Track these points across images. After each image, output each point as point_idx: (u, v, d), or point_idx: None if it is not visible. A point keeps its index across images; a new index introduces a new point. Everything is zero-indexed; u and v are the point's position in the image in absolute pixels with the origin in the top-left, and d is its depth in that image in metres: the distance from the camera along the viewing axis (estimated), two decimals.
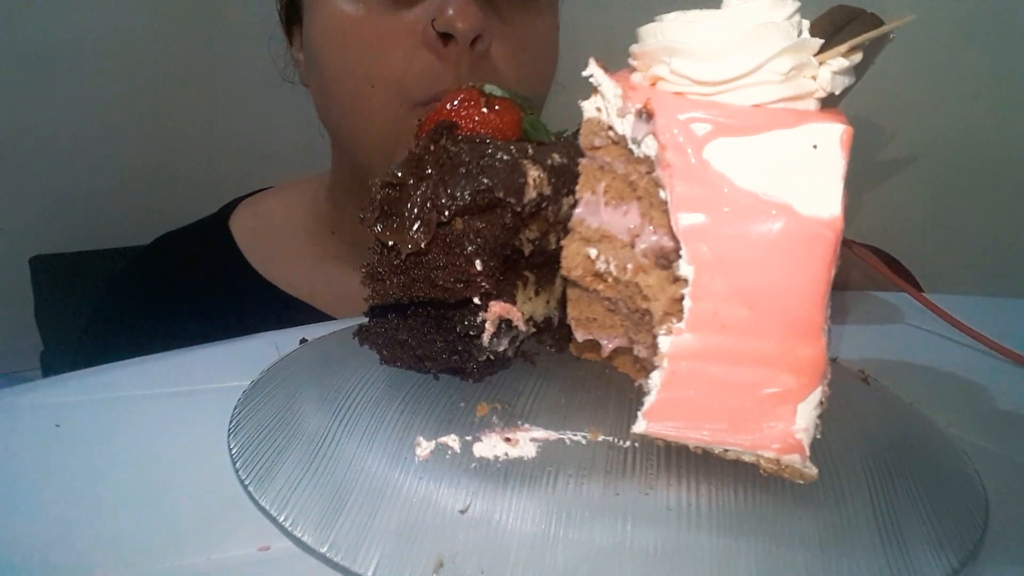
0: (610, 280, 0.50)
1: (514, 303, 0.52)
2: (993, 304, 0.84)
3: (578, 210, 0.51)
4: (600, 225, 0.49)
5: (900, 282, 0.69)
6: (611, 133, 0.47)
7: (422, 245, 0.46)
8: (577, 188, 0.50)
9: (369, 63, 0.72)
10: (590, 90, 0.48)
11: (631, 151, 0.45)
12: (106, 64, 1.39)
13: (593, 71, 0.46)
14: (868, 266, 0.70)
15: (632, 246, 0.47)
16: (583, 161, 0.50)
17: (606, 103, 0.46)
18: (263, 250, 0.92)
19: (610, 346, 0.55)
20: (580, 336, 0.55)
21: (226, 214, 0.96)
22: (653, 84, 0.43)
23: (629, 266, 0.47)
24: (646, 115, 0.41)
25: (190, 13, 1.42)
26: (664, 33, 0.42)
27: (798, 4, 0.42)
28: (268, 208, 0.97)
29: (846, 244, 0.68)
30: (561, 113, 0.63)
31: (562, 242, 0.52)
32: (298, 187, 0.98)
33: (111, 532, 0.40)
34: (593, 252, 0.50)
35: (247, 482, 0.43)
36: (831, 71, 0.41)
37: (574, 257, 0.51)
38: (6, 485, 0.44)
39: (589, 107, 0.48)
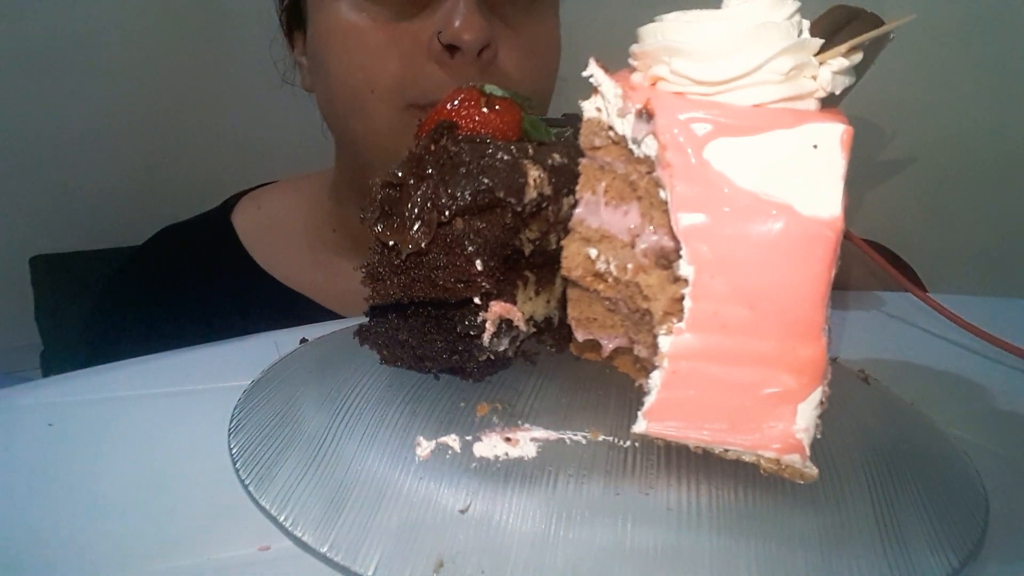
0: (610, 280, 0.50)
1: (514, 303, 0.52)
2: (994, 304, 0.84)
3: (578, 210, 0.51)
4: (600, 225, 0.49)
5: (902, 279, 0.69)
6: (611, 133, 0.47)
7: (423, 245, 0.46)
8: (577, 188, 0.50)
9: (372, 71, 0.72)
10: (590, 89, 0.48)
11: (631, 151, 0.45)
12: (106, 63, 1.39)
13: (593, 71, 0.46)
14: (871, 262, 0.70)
15: (632, 246, 0.47)
16: (583, 161, 0.50)
17: (606, 103, 0.46)
18: (265, 244, 0.92)
19: (610, 346, 0.55)
20: (580, 336, 0.55)
21: (228, 208, 0.96)
22: (653, 84, 0.43)
23: (629, 266, 0.47)
24: (646, 115, 0.41)
25: (190, 13, 1.42)
26: (664, 33, 0.42)
27: (798, 4, 0.42)
28: (270, 203, 0.97)
29: (849, 237, 0.67)
30: (563, 111, 0.63)
31: (562, 242, 0.52)
32: (300, 182, 0.98)
33: (111, 532, 0.40)
34: (593, 252, 0.50)
35: (247, 482, 0.43)
36: (831, 71, 0.41)
37: (574, 257, 0.51)
38: (7, 485, 0.44)
39: (589, 107, 0.48)
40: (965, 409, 0.58)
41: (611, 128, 0.46)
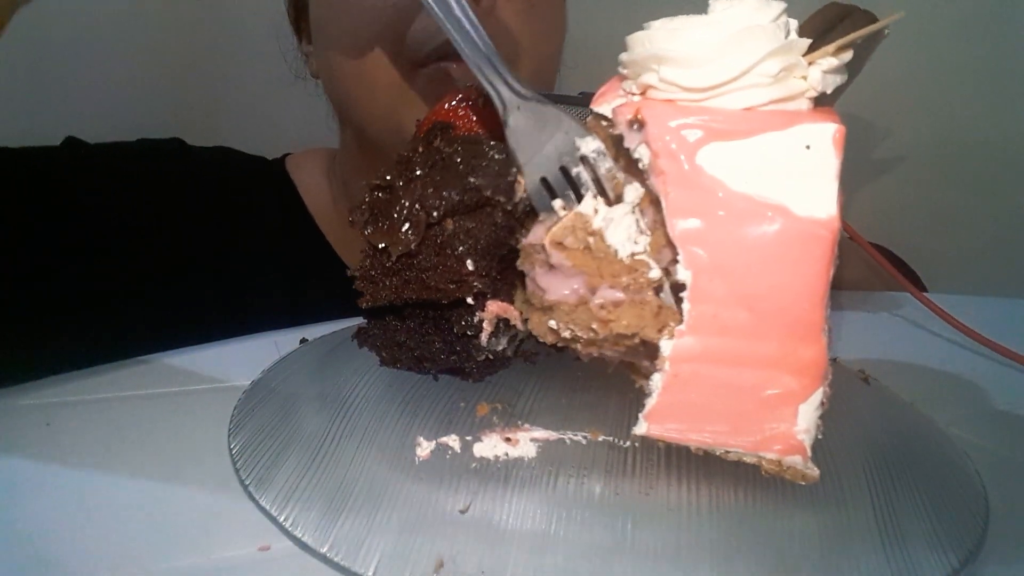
0: (583, 341, 0.45)
1: (511, 302, 0.52)
2: (994, 304, 0.84)
3: (528, 281, 0.47)
4: (545, 294, 0.45)
5: (904, 282, 0.69)
6: (590, 239, 0.43)
7: (412, 247, 0.46)
8: (518, 263, 0.47)
9: (369, 26, 0.72)
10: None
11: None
12: (107, 62, 1.39)
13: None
14: (874, 263, 0.70)
15: (585, 303, 0.43)
16: (523, 243, 0.46)
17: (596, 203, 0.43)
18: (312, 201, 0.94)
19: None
20: (585, 358, 0.51)
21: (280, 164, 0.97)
22: (644, 92, 0.43)
23: (594, 325, 0.43)
24: (637, 124, 0.41)
25: (194, 10, 1.42)
26: (651, 41, 0.42)
27: (784, 5, 0.41)
28: (308, 167, 0.98)
29: (854, 238, 0.67)
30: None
31: (525, 315, 0.48)
32: (314, 154, 0.99)
33: (110, 532, 0.40)
34: (553, 324, 0.46)
35: (247, 482, 0.43)
36: (821, 70, 0.41)
37: (539, 329, 0.47)
38: (5, 485, 0.44)
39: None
40: (965, 409, 0.58)
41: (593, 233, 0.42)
